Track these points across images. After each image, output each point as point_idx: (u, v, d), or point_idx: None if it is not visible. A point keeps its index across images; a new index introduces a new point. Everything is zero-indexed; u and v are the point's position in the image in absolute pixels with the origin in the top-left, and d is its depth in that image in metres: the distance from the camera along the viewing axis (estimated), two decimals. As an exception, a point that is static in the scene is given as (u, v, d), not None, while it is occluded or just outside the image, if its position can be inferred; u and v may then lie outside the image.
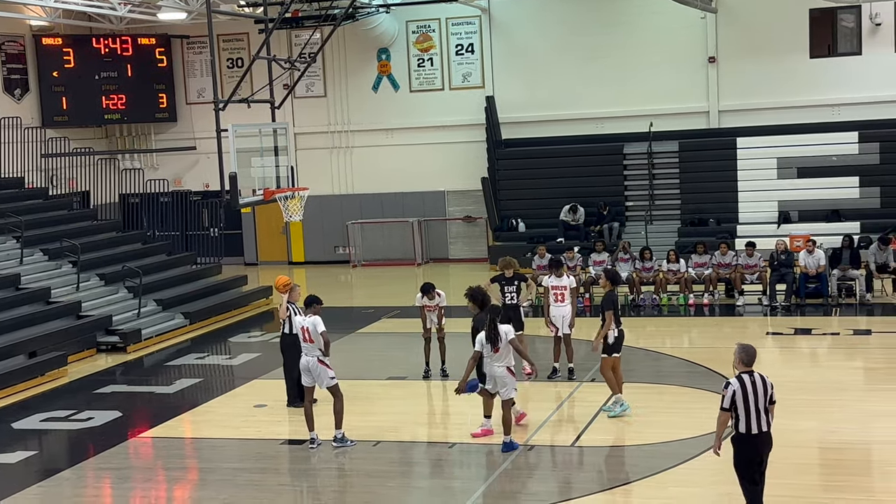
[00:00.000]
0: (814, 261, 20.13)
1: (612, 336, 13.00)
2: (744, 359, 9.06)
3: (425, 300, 15.40)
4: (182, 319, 20.97)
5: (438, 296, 15.39)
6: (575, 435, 12.75)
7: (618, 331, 13.06)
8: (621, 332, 13.13)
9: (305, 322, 12.46)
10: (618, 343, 13.09)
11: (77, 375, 17.50)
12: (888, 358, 16.32)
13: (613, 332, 13.01)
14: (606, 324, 12.98)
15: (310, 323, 12.36)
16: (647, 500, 10.58)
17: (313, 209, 23.97)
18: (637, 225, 26.20)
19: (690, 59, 26.85)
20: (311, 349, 12.40)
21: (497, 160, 27.66)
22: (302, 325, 12.50)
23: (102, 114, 29.05)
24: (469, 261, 28.24)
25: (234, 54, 29.72)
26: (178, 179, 30.28)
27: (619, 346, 13.14)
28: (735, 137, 26.19)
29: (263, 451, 12.74)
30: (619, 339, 13.09)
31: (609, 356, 13.07)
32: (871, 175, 25.13)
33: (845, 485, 10.69)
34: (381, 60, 28.97)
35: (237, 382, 16.68)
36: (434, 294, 15.33)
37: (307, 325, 12.39)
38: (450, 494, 11.06)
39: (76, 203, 26.16)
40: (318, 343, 12.33)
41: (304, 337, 12.46)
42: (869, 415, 12.97)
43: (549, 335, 15.58)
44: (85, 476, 12.37)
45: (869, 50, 25.68)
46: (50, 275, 20.87)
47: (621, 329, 13.14)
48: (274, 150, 19.34)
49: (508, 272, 15.21)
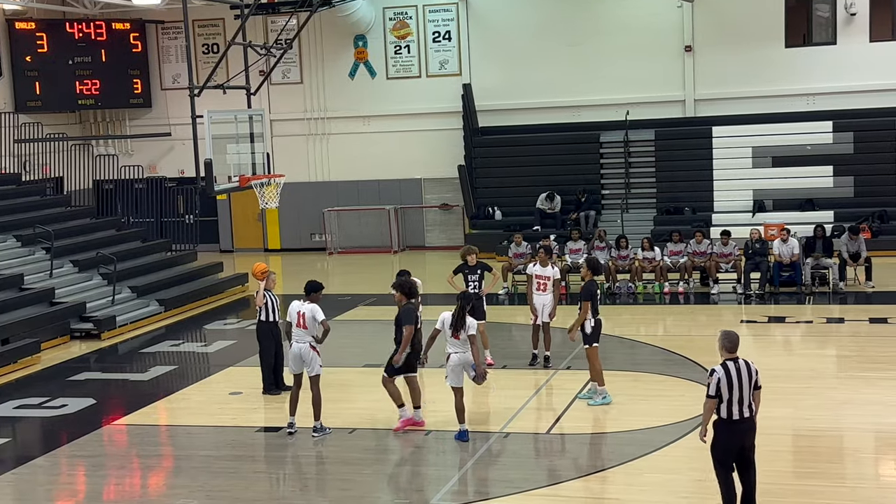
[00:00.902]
0: (788, 249, 20.26)
1: (588, 326, 13.05)
2: (727, 345, 9.07)
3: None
4: (157, 306, 20.87)
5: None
6: (551, 422, 12.79)
7: (594, 320, 13.09)
8: (598, 321, 13.17)
9: (304, 308, 12.40)
10: (595, 332, 13.13)
11: (50, 362, 17.39)
12: (860, 346, 16.46)
13: (590, 321, 13.05)
14: (582, 313, 13.01)
15: (308, 309, 12.33)
16: (623, 486, 10.63)
17: (289, 196, 23.87)
18: (613, 213, 26.28)
19: (667, 47, 26.92)
20: (303, 336, 12.35)
21: (474, 148, 27.65)
22: (299, 311, 12.41)
23: (76, 99, 28.82)
24: (445, 248, 28.24)
25: (210, 40, 29.54)
26: (152, 166, 30.11)
27: (597, 336, 13.18)
28: (711, 126, 26.31)
29: (239, 439, 12.71)
30: (595, 328, 13.13)
31: (591, 346, 13.10)
32: (845, 164, 25.30)
33: (817, 471, 10.78)
34: (358, 47, 28.87)
35: (212, 370, 16.63)
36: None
37: (305, 311, 12.34)
38: (425, 482, 11.07)
39: (49, 189, 25.94)
40: (311, 330, 12.30)
41: (298, 323, 12.41)
42: (841, 402, 13.08)
43: (525, 323, 15.59)
44: (59, 463, 12.30)
45: (844, 40, 25.84)
46: (23, 261, 20.71)
47: (598, 319, 13.17)
48: (250, 136, 19.28)
49: (471, 260, 15.17)
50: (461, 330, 11.84)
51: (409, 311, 12.25)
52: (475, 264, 15.17)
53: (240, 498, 10.71)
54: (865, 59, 25.59)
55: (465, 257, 15.25)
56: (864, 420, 12.36)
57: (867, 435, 11.96)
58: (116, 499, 11.14)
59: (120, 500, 11.12)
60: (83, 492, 11.40)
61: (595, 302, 13.11)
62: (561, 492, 10.46)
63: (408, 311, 12.24)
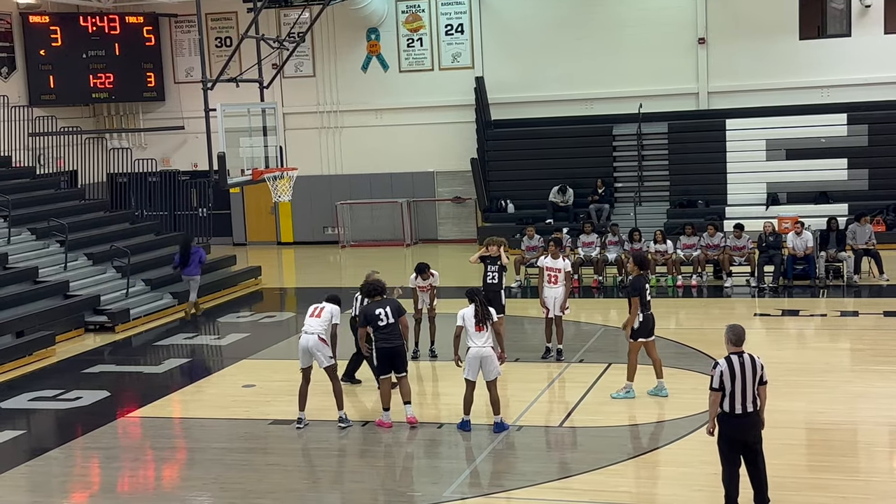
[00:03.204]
0: (801, 242, 20.18)
1: (637, 321, 12.93)
2: (732, 339, 9.07)
3: (419, 280, 15.38)
4: (171, 299, 20.93)
5: (432, 276, 15.38)
6: (563, 415, 12.79)
7: (643, 315, 12.89)
8: (647, 316, 12.93)
9: (328, 306, 12.58)
10: (643, 327, 12.91)
11: (65, 355, 17.47)
12: (874, 339, 16.40)
13: (639, 316, 12.92)
14: (633, 310, 12.85)
15: (330, 309, 12.52)
16: (635, 480, 10.63)
17: (302, 189, 23.92)
18: (626, 206, 26.22)
19: (680, 40, 26.83)
20: (314, 325, 12.40)
21: (486, 141, 27.62)
22: (319, 307, 12.59)
23: (90, 93, 28.92)
24: (458, 241, 28.24)
25: (223, 33, 29.57)
26: (166, 159, 30.19)
27: (646, 331, 12.94)
28: (724, 119, 26.22)
29: (252, 431, 12.74)
30: (644, 323, 12.89)
31: (635, 340, 12.97)
32: (859, 157, 25.20)
33: (831, 465, 10.75)
34: (371, 40, 28.86)
35: (226, 363, 16.67)
36: (428, 274, 15.31)
37: (326, 307, 12.54)
38: (438, 474, 11.08)
39: (63, 182, 26.05)
40: (323, 323, 12.38)
41: (313, 312, 12.50)
42: (855, 396, 13.03)
43: (538, 316, 15.58)
44: (73, 455, 12.37)
45: (858, 31, 25.71)
46: (38, 254, 20.80)
47: (648, 314, 12.95)
48: (262, 130, 19.29)
49: (493, 251, 15.08)
50: (488, 321, 11.84)
51: (373, 308, 12.32)
52: (497, 255, 15.06)
53: (253, 490, 10.75)
54: (880, 52, 25.46)
55: (488, 247, 15.13)
56: (879, 413, 12.32)
57: (881, 428, 11.92)
58: (131, 491, 11.18)
59: (134, 491, 11.17)
60: (98, 483, 11.46)
61: (644, 296, 12.94)
62: (573, 485, 10.47)
63: (371, 309, 12.33)
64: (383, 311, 12.22)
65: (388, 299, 12.54)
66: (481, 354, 11.85)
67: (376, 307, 12.29)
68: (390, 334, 12.23)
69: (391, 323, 12.22)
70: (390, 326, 12.22)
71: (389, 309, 12.27)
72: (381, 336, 12.25)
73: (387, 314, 12.22)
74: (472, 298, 12.01)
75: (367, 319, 12.29)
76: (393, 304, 12.39)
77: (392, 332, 12.24)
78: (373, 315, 12.22)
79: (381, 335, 12.24)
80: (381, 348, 12.29)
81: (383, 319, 12.19)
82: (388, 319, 12.21)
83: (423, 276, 15.32)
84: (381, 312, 12.21)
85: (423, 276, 15.32)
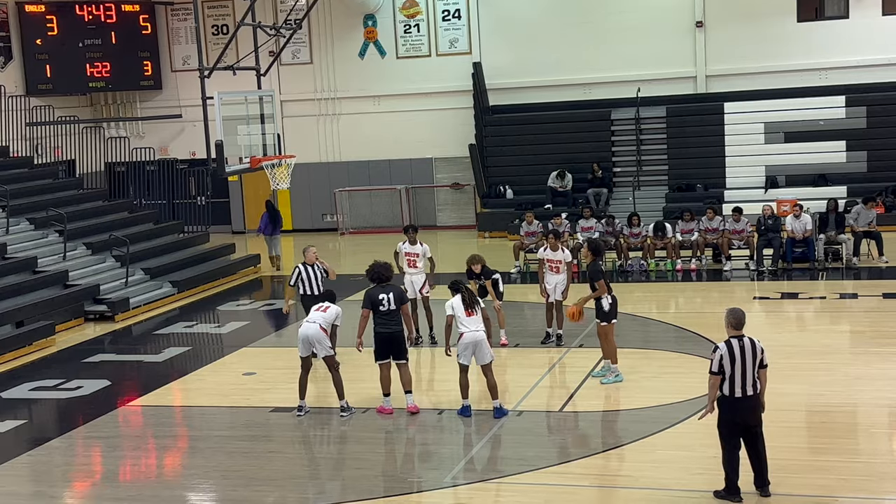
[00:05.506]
0: (801, 225, 20.17)
1: (606, 303, 12.99)
2: (732, 322, 9.10)
3: (407, 246, 15.51)
4: (170, 288, 20.94)
5: (422, 245, 15.44)
6: (564, 400, 12.80)
7: (612, 298, 13.04)
8: (614, 298, 13.11)
9: (332, 306, 12.64)
10: (613, 310, 13.08)
11: (65, 345, 17.48)
12: (873, 321, 16.41)
13: (608, 299, 12.99)
14: (599, 291, 12.92)
15: (332, 310, 12.54)
16: (636, 463, 10.64)
17: (300, 177, 23.89)
18: (625, 191, 26.21)
19: (678, 23, 26.77)
20: (318, 317, 12.47)
21: (484, 126, 27.59)
22: (325, 305, 12.62)
23: (87, 82, 28.86)
24: (457, 227, 28.23)
25: (219, 21, 29.48)
26: (164, 147, 30.14)
27: (615, 313, 13.12)
28: (722, 102, 26.19)
29: (253, 419, 12.76)
30: (613, 305, 13.08)
31: (609, 323, 13.06)
32: (857, 139, 25.19)
33: (831, 447, 10.77)
34: (368, 27, 28.79)
35: (226, 351, 16.67)
36: (416, 238, 15.41)
37: (330, 307, 12.57)
38: (438, 460, 11.10)
39: (62, 172, 25.99)
40: (328, 316, 12.43)
41: (318, 308, 12.57)
42: (855, 378, 13.05)
43: (538, 301, 15.58)
44: (74, 444, 12.38)
45: (856, 13, 25.65)
46: (36, 244, 20.78)
47: (614, 296, 13.12)
48: (260, 117, 19.26)
49: (475, 269, 14.94)
50: (475, 306, 11.93)
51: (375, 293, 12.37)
52: (479, 272, 14.98)
53: (255, 478, 10.77)
54: (878, 33, 25.41)
55: (470, 266, 15.06)
56: (878, 395, 12.33)
57: (881, 410, 11.93)
58: (132, 479, 11.21)
59: (136, 480, 11.20)
60: (99, 472, 11.47)
61: (606, 279, 13.06)
62: (574, 469, 10.49)
63: (374, 293, 12.37)
64: (387, 297, 12.31)
65: (393, 286, 12.57)
66: (475, 339, 11.92)
67: (380, 292, 12.35)
68: (390, 320, 12.29)
69: (392, 309, 12.28)
70: (391, 312, 12.29)
71: (392, 295, 12.34)
72: (381, 321, 12.31)
73: (389, 300, 12.29)
74: (456, 289, 12.15)
75: (371, 303, 12.33)
76: (396, 291, 12.44)
77: (392, 318, 12.29)
78: (376, 299, 12.29)
79: (381, 320, 12.31)
80: (380, 333, 12.33)
81: (385, 305, 12.27)
82: (390, 305, 12.28)
83: (410, 239, 15.44)
84: (385, 298, 12.30)
85: (410, 239, 15.44)
